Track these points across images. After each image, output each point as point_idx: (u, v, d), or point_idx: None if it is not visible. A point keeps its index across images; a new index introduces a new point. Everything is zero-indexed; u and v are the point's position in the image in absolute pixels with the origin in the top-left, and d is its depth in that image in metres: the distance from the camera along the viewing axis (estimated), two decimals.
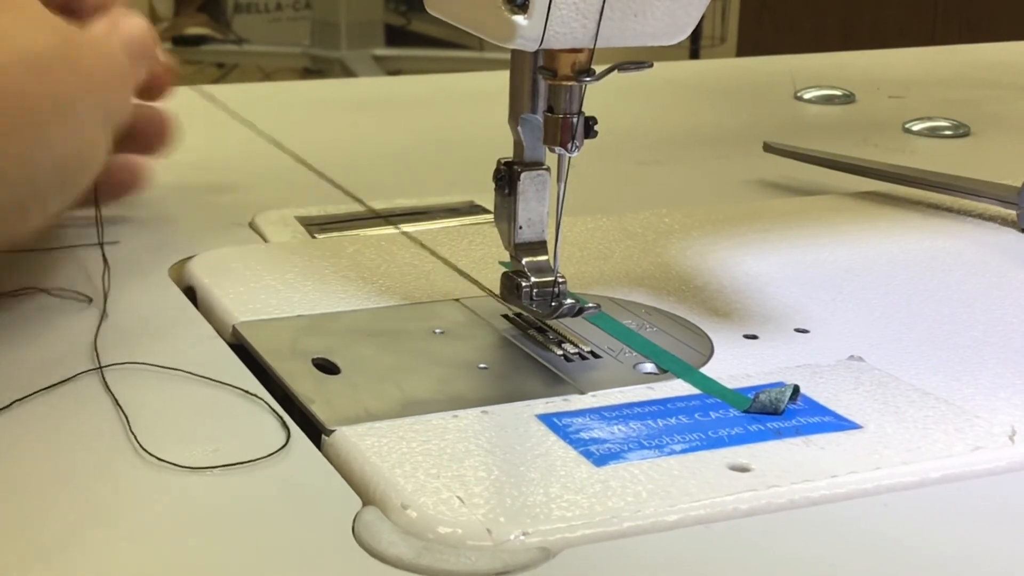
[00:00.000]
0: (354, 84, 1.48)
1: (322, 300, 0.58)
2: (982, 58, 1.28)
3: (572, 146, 0.52)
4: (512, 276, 0.55)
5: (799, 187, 0.83)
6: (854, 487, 0.44)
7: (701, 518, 0.42)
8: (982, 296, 0.61)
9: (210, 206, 0.73)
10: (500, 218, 0.56)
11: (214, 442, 0.46)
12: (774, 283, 0.62)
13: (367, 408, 0.48)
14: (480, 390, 0.51)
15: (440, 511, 0.41)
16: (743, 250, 0.67)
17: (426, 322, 0.57)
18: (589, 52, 0.51)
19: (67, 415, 0.48)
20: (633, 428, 0.47)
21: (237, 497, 0.43)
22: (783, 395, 0.49)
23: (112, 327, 0.56)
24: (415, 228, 0.70)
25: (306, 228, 0.70)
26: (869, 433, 0.47)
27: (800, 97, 1.07)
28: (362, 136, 0.93)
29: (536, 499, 0.42)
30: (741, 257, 0.66)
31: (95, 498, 0.43)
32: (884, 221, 0.72)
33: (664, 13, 0.51)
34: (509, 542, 0.40)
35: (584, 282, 0.61)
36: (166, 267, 0.62)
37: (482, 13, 0.50)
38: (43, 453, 0.45)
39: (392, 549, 0.40)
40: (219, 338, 0.55)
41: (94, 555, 0.40)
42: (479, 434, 0.47)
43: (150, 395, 0.50)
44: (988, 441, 0.47)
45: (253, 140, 0.90)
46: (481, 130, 0.88)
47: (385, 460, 0.44)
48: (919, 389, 0.51)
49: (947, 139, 0.95)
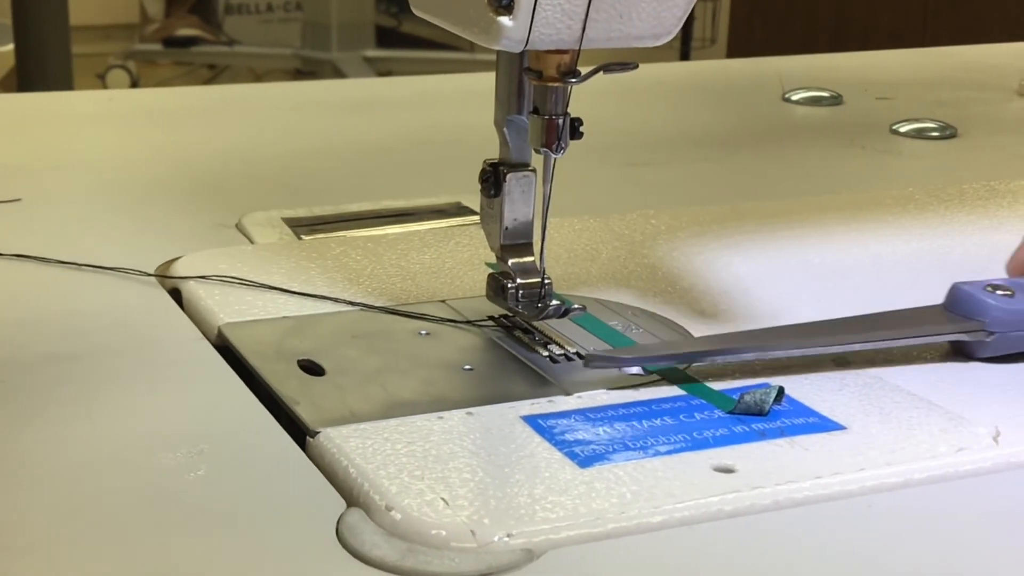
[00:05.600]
0: (344, 85, 1.47)
1: (308, 301, 0.58)
2: (969, 60, 1.29)
3: (558, 147, 0.52)
4: (498, 277, 0.55)
5: (785, 190, 0.83)
6: (838, 488, 0.44)
7: (685, 519, 0.42)
8: None
9: (197, 207, 0.73)
10: (486, 219, 0.56)
11: (199, 443, 0.46)
12: (760, 284, 0.62)
13: (352, 409, 0.48)
14: (465, 391, 0.51)
15: (424, 513, 0.41)
16: (730, 251, 0.67)
17: (411, 323, 0.57)
18: (574, 53, 0.51)
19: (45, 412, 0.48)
20: (618, 429, 0.47)
21: (221, 498, 0.43)
22: (768, 396, 0.49)
23: (98, 328, 0.56)
24: (402, 229, 0.70)
25: (293, 229, 0.70)
26: (853, 434, 0.47)
27: (788, 99, 1.07)
28: (349, 137, 0.93)
29: (520, 501, 0.42)
30: (728, 258, 0.66)
31: (76, 497, 0.43)
32: (870, 223, 0.73)
33: (649, 14, 0.51)
34: (493, 543, 0.40)
35: (571, 283, 0.61)
36: (152, 268, 0.62)
37: (467, 14, 0.50)
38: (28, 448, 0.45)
39: (376, 551, 0.40)
40: (204, 340, 0.55)
41: (78, 554, 0.39)
42: (464, 436, 0.47)
43: (136, 396, 0.50)
44: (972, 442, 0.47)
45: (241, 141, 0.90)
46: (468, 131, 0.88)
47: (370, 462, 0.44)
48: (904, 390, 0.51)
49: (934, 140, 0.96)
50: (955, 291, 0.54)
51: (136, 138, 0.90)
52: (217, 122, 0.95)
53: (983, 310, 0.53)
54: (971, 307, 0.53)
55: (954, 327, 0.53)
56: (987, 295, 0.53)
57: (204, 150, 0.87)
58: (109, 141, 0.90)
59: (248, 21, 3.97)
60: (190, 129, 0.93)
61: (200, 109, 1.00)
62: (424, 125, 0.97)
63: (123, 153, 0.86)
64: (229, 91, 1.29)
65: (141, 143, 0.89)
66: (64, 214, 0.72)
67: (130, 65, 3.68)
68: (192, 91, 1.04)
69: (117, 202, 0.74)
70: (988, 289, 0.53)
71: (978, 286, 0.53)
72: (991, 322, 0.53)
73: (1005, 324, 0.53)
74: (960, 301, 0.53)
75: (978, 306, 0.53)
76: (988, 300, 0.53)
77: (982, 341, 0.53)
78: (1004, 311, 0.53)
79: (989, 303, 0.53)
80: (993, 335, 0.53)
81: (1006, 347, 0.53)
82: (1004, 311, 0.53)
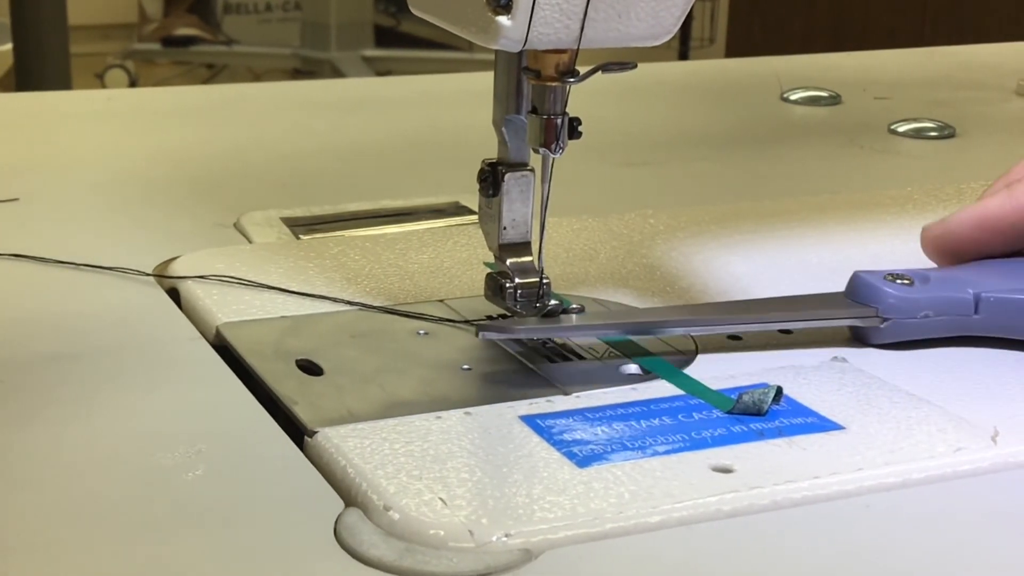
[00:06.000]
0: (343, 85, 1.47)
1: (306, 301, 0.58)
2: (968, 60, 1.29)
3: (556, 147, 0.52)
4: (496, 277, 0.55)
5: (784, 189, 0.83)
6: (837, 488, 0.44)
7: (684, 519, 0.42)
8: None
9: (195, 207, 0.73)
10: (485, 219, 0.56)
11: (197, 443, 0.46)
12: (759, 284, 0.62)
13: (350, 409, 0.48)
14: (463, 391, 0.51)
15: (423, 513, 0.41)
16: (728, 251, 0.67)
17: (410, 323, 0.56)
18: (573, 53, 0.51)
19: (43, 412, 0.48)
20: (616, 429, 0.47)
21: (219, 498, 0.43)
22: (766, 396, 0.49)
23: (96, 328, 0.56)
24: (400, 229, 0.70)
25: (291, 229, 0.70)
26: (852, 434, 0.47)
27: (786, 98, 1.07)
28: (347, 137, 0.93)
29: (519, 500, 0.42)
30: (726, 258, 0.66)
31: (74, 496, 0.43)
32: (868, 223, 0.73)
33: (648, 14, 0.51)
34: (491, 543, 0.40)
35: (569, 283, 0.61)
36: (150, 268, 0.62)
37: (466, 13, 0.50)
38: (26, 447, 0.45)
39: (374, 551, 0.40)
40: (202, 339, 0.55)
41: (76, 553, 0.39)
42: (462, 435, 0.47)
43: (134, 396, 0.50)
44: (970, 442, 0.47)
45: (240, 141, 0.90)
46: (466, 131, 0.88)
47: (368, 461, 0.44)
48: (902, 390, 0.51)
49: (932, 140, 0.96)
50: (854, 279, 0.56)
51: (134, 138, 0.90)
52: (216, 122, 0.95)
53: (878, 297, 0.55)
54: (867, 294, 0.55)
55: (849, 312, 0.55)
56: (884, 283, 0.55)
57: (202, 149, 0.87)
58: (107, 140, 0.90)
59: (247, 21, 3.97)
60: (189, 129, 0.93)
61: (199, 109, 1.00)
62: (422, 125, 0.97)
63: (121, 152, 0.86)
64: (228, 91, 1.29)
65: (139, 143, 0.89)
66: (62, 214, 0.72)
67: (128, 65, 3.68)
68: (191, 91, 1.04)
69: (115, 202, 0.74)
70: (888, 278, 0.55)
71: (878, 275, 0.56)
72: (884, 309, 0.55)
73: (899, 311, 0.55)
74: (858, 288, 0.56)
75: (874, 293, 0.55)
76: (884, 288, 0.55)
77: (876, 327, 0.55)
78: (899, 299, 0.55)
79: (884, 291, 0.55)
80: (887, 322, 0.55)
81: (902, 334, 0.55)
82: (899, 299, 0.55)
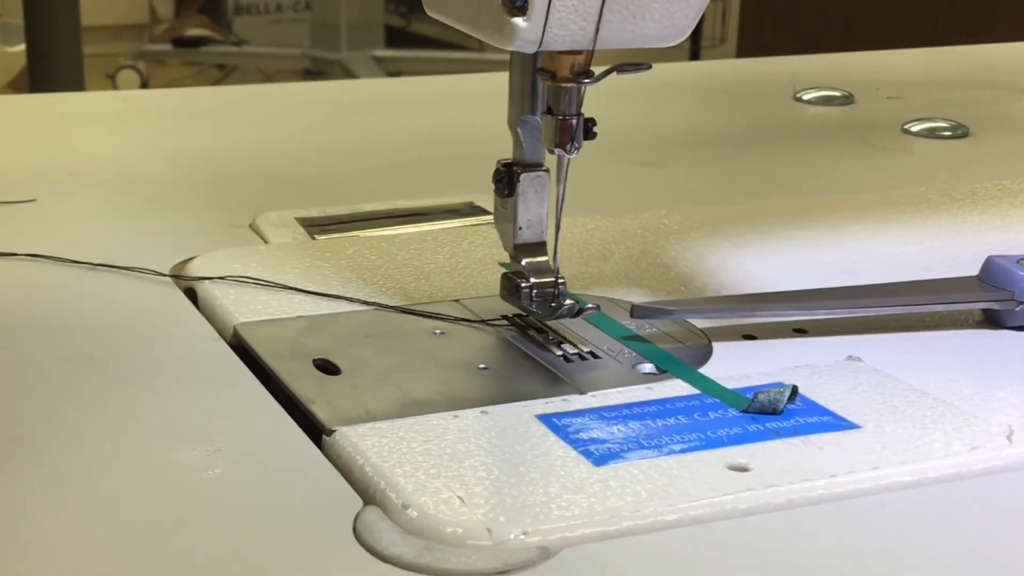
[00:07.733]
0: (357, 85, 1.48)
1: (322, 301, 0.59)
2: (981, 59, 1.29)
3: (571, 147, 0.52)
4: (512, 277, 0.56)
5: (797, 189, 0.83)
6: (852, 487, 0.44)
7: (700, 518, 0.42)
8: None
9: (210, 207, 0.73)
10: (500, 219, 0.56)
11: (216, 442, 0.46)
12: (772, 284, 0.62)
13: (367, 408, 0.49)
14: (480, 390, 0.51)
15: (440, 511, 0.41)
16: (742, 251, 0.67)
17: (426, 323, 0.57)
18: (588, 54, 0.51)
19: (62, 411, 0.48)
20: (632, 428, 0.47)
21: (238, 496, 0.43)
22: (782, 395, 0.49)
23: (114, 328, 0.56)
24: (415, 229, 0.70)
25: (306, 229, 0.70)
26: (867, 433, 0.48)
27: (799, 98, 1.07)
28: (362, 137, 0.94)
29: (536, 499, 0.42)
30: (740, 258, 0.66)
31: (93, 496, 0.43)
32: (882, 223, 0.73)
33: (662, 15, 0.51)
34: (509, 541, 0.40)
35: (584, 283, 0.62)
36: (167, 268, 0.63)
37: (481, 15, 0.50)
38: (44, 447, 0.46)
39: (393, 548, 0.40)
40: (220, 339, 0.56)
41: (94, 552, 0.40)
42: (479, 434, 0.47)
43: (152, 396, 0.50)
44: (986, 441, 0.47)
45: (254, 141, 0.90)
46: (481, 131, 0.88)
47: (386, 460, 0.44)
48: (917, 389, 0.51)
49: (946, 140, 0.96)
50: (988, 263, 0.59)
51: (150, 138, 0.91)
52: (230, 122, 0.96)
53: (1013, 280, 0.57)
54: (1003, 277, 0.58)
55: (985, 295, 0.58)
56: (1019, 267, 0.58)
57: (217, 150, 0.87)
58: (123, 142, 0.90)
59: (257, 21, 3.98)
60: (204, 129, 0.93)
61: (214, 110, 1.00)
62: (438, 125, 0.97)
63: (137, 153, 0.87)
64: (241, 91, 1.29)
65: (155, 143, 0.89)
66: (78, 214, 0.72)
67: (140, 65, 3.69)
68: (206, 91, 1.04)
69: (131, 202, 0.75)
70: (1021, 262, 0.58)
71: (1012, 259, 0.58)
72: (1020, 292, 0.57)
73: None
74: (993, 272, 0.58)
75: (1009, 277, 0.58)
76: (1019, 272, 0.58)
77: (1011, 310, 0.57)
78: None
79: (1020, 275, 0.57)
80: (1022, 305, 0.57)
81: None
82: None
